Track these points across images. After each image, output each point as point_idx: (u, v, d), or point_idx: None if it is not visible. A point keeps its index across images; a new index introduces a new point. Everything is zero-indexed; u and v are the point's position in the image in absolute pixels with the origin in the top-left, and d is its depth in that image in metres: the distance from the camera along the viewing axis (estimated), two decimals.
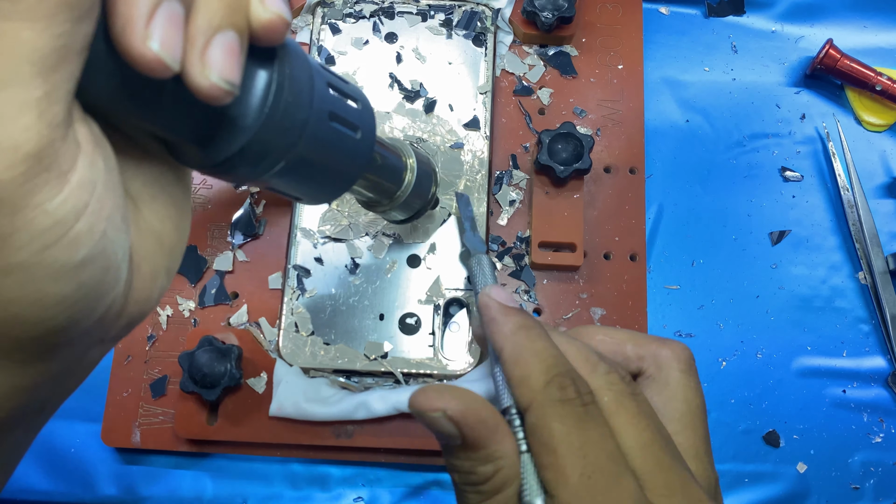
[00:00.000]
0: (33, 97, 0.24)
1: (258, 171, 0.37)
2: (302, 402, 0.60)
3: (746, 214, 0.72)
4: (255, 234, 0.66)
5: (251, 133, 0.34)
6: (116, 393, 0.63)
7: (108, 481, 0.64)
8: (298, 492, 0.65)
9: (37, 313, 0.27)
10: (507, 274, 0.66)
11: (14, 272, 0.26)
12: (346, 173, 0.44)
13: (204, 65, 0.28)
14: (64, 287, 0.27)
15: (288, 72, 0.35)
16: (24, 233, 0.25)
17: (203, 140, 0.34)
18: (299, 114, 0.36)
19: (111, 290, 0.30)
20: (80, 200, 0.26)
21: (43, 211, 0.25)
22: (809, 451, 0.66)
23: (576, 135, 0.64)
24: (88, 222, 0.27)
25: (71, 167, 0.26)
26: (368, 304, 0.63)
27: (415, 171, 0.56)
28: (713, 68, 0.76)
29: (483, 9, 0.70)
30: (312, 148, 0.38)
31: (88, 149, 0.27)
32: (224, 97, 0.29)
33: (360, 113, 0.43)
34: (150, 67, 0.26)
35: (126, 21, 0.25)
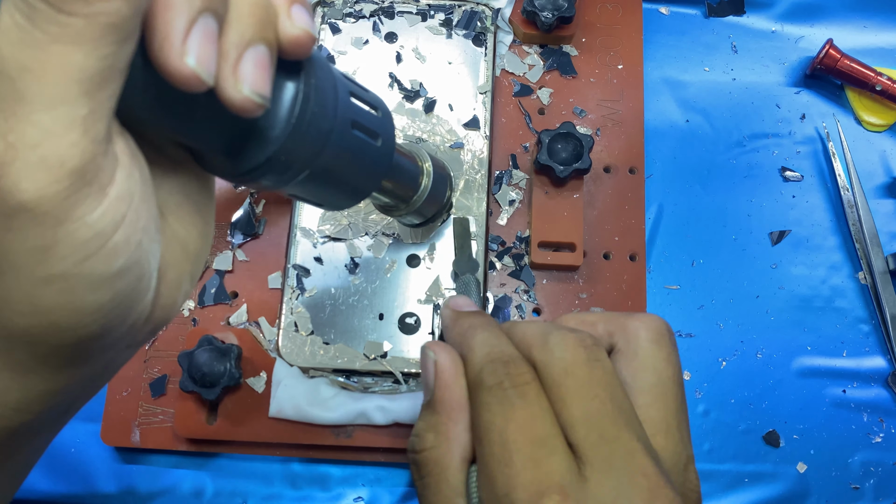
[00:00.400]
0: (80, 115, 0.24)
1: (284, 180, 0.37)
2: (302, 405, 0.60)
3: (746, 214, 0.72)
4: (255, 234, 0.66)
5: (278, 143, 0.35)
6: (116, 392, 0.63)
7: (108, 481, 0.64)
8: (298, 492, 0.65)
9: (74, 321, 0.28)
10: (507, 274, 0.66)
11: (55, 282, 0.27)
12: (367, 180, 0.44)
13: (237, 79, 0.29)
14: (101, 296, 0.28)
15: (313, 83, 0.35)
16: (65, 244, 0.26)
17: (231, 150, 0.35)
18: (324, 124, 0.37)
19: (143, 298, 0.31)
20: (119, 212, 0.27)
21: (84, 223, 0.26)
22: (809, 451, 0.66)
23: (575, 135, 0.64)
24: (125, 233, 0.28)
25: (110, 180, 0.27)
26: (368, 304, 0.63)
27: (431, 175, 0.57)
28: (713, 68, 0.76)
29: (483, 9, 0.70)
30: (336, 156, 0.39)
31: (126, 162, 0.28)
32: (256, 110, 0.30)
33: (380, 121, 0.43)
34: (186, 82, 0.27)
35: (164, 38, 0.26)
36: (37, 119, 0.24)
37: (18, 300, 0.27)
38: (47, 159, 0.24)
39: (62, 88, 0.24)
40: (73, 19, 0.23)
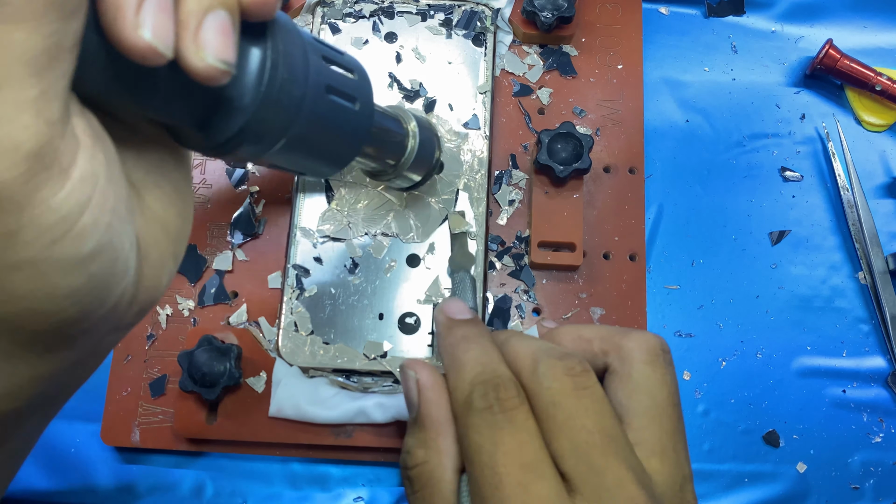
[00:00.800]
0: (30, 96, 0.24)
1: (260, 150, 0.37)
2: (302, 404, 0.60)
3: (746, 214, 0.72)
4: (255, 234, 0.66)
5: (249, 113, 0.34)
6: (116, 392, 0.63)
7: (108, 481, 0.64)
8: (298, 492, 0.65)
9: (49, 306, 0.28)
10: (507, 274, 0.66)
11: (23, 268, 0.26)
12: (348, 145, 0.44)
13: (198, 46, 0.28)
14: (74, 279, 0.28)
15: (281, 48, 0.35)
16: (30, 229, 0.25)
17: (203, 123, 0.35)
18: (296, 90, 0.36)
19: (121, 280, 0.31)
20: (84, 194, 0.27)
21: (47, 207, 0.25)
22: (809, 451, 0.66)
23: (575, 134, 0.64)
24: (93, 215, 0.27)
25: (72, 162, 0.26)
26: (368, 304, 0.63)
27: (417, 136, 0.56)
28: (713, 68, 0.76)
29: (483, 9, 0.70)
30: (312, 123, 0.38)
31: (88, 143, 0.27)
32: (221, 77, 0.29)
33: (357, 83, 0.43)
34: (143, 56, 0.26)
35: (115, 10, 0.26)
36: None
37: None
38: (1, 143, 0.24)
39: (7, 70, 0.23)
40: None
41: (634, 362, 0.44)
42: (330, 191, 0.65)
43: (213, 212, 0.66)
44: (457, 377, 0.44)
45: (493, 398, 0.41)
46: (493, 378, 0.42)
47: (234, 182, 0.67)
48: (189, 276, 0.65)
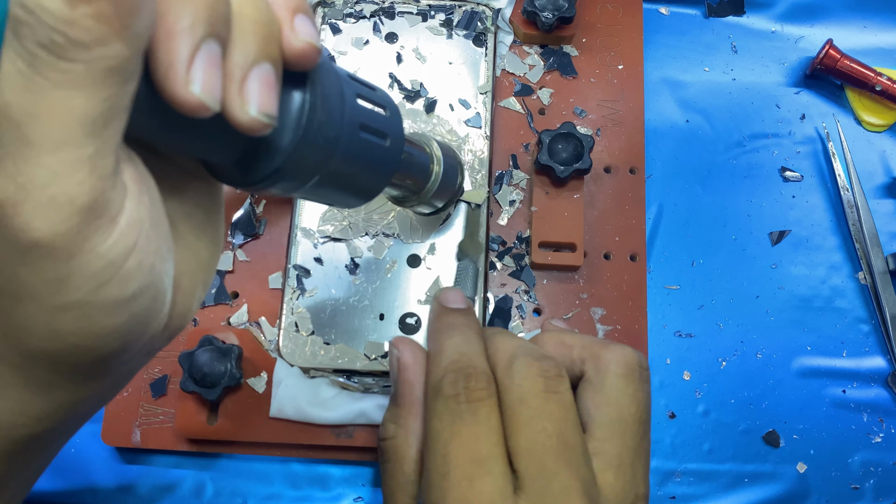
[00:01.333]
0: (86, 155, 0.25)
1: (294, 187, 0.38)
2: (302, 405, 0.60)
3: (746, 214, 0.72)
4: (256, 234, 0.66)
5: (286, 154, 0.35)
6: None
7: (108, 481, 0.64)
8: (298, 492, 0.65)
9: (93, 343, 0.29)
10: (508, 274, 0.66)
11: (71, 309, 0.27)
12: (378, 179, 0.44)
13: (243, 100, 0.29)
14: (117, 319, 0.29)
15: (319, 91, 0.35)
16: (79, 275, 0.27)
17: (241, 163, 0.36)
18: (332, 131, 0.37)
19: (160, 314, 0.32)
20: (130, 240, 0.28)
21: (96, 254, 0.27)
22: (809, 451, 0.67)
23: (576, 135, 0.64)
24: (137, 259, 0.29)
25: (119, 210, 0.27)
26: (368, 304, 0.63)
27: (441, 163, 0.56)
28: (713, 68, 0.76)
29: (483, 9, 0.70)
30: (345, 161, 0.39)
31: (134, 189, 0.29)
32: (263, 129, 0.30)
33: (388, 120, 0.43)
34: (192, 110, 0.27)
35: (168, 67, 0.27)
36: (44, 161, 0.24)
37: (37, 327, 0.28)
38: (57, 199, 0.25)
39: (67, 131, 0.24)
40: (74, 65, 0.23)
41: (609, 374, 0.45)
42: None
43: None
44: (434, 362, 0.46)
45: (462, 387, 0.43)
46: (467, 367, 0.44)
47: None
48: None
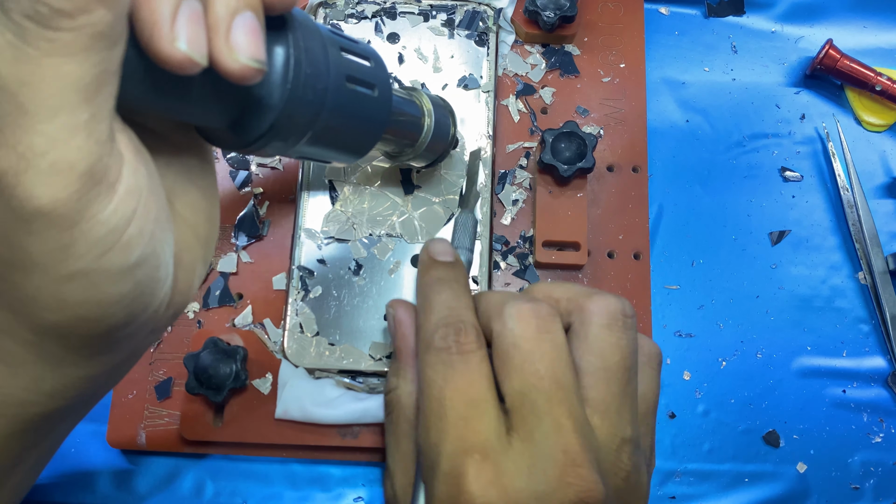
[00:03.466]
0: (82, 120, 0.26)
1: (288, 144, 0.39)
2: (308, 406, 0.60)
3: (746, 214, 0.72)
4: (259, 236, 0.65)
5: (278, 110, 0.36)
6: (121, 395, 0.63)
7: (108, 481, 0.64)
8: (298, 492, 0.65)
9: (99, 312, 0.30)
10: (511, 273, 0.66)
11: (76, 278, 0.28)
12: (371, 131, 0.45)
13: (231, 49, 0.30)
14: (122, 287, 0.30)
15: (302, 44, 0.36)
16: (82, 243, 0.28)
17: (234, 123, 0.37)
18: (319, 83, 0.38)
19: (163, 285, 0.34)
20: (129, 207, 0.29)
21: (97, 221, 0.28)
22: (809, 451, 0.67)
23: (579, 134, 0.64)
24: (138, 226, 0.30)
25: (118, 177, 0.28)
26: (373, 305, 0.62)
27: (432, 114, 0.57)
28: (713, 68, 0.76)
29: (485, 8, 0.70)
30: (335, 113, 0.40)
31: (131, 157, 0.29)
32: (256, 75, 0.31)
33: (374, 70, 0.44)
34: (180, 66, 0.28)
35: (152, 27, 0.28)
36: (41, 129, 0.25)
37: (45, 298, 0.29)
38: (56, 165, 0.26)
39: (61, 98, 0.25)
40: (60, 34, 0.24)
41: (592, 325, 0.46)
42: (334, 192, 0.64)
43: None
44: (424, 317, 0.48)
45: (453, 340, 0.44)
46: (457, 322, 0.45)
47: (238, 184, 0.66)
48: None
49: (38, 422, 0.36)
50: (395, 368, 0.53)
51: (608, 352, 0.45)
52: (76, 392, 0.35)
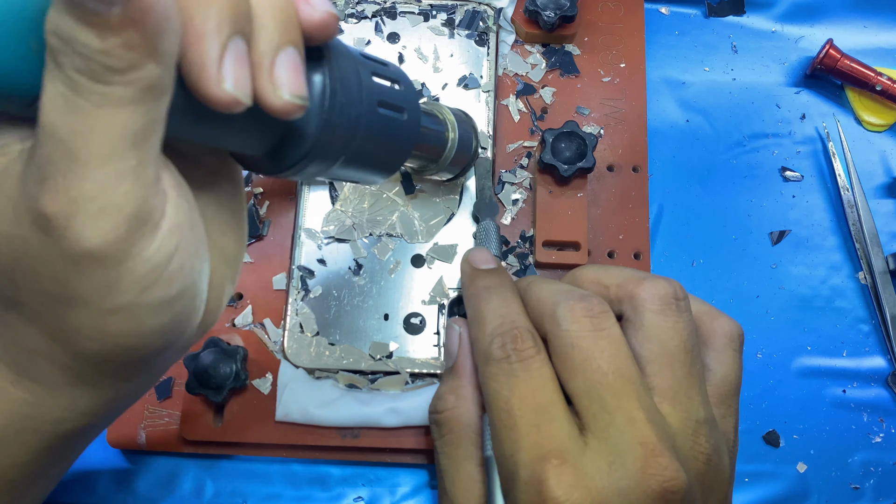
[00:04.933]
0: (130, 166, 0.27)
1: (322, 169, 0.39)
2: (309, 408, 0.60)
3: (746, 214, 0.72)
4: (259, 235, 0.65)
5: (314, 138, 0.37)
6: None
7: (108, 481, 0.64)
8: (298, 491, 0.65)
9: (139, 343, 0.31)
10: (512, 273, 0.66)
11: (120, 312, 0.29)
12: (399, 153, 0.46)
13: (275, 86, 0.31)
14: (162, 319, 0.31)
15: (338, 73, 0.37)
16: (127, 280, 0.29)
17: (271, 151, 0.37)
18: (352, 111, 0.38)
19: (198, 312, 0.35)
20: (172, 244, 0.30)
21: (142, 259, 0.29)
22: (809, 451, 0.67)
23: (579, 133, 0.64)
24: (179, 261, 0.31)
25: (161, 216, 0.29)
26: (373, 305, 0.62)
27: (456, 129, 0.57)
28: (713, 68, 0.76)
29: (485, 8, 0.70)
30: (367, 138, 0.40)
31: (174, 195, 0.31)
32: (298, 111, 0.32)
33: (403, 94, 0.44)
34: (227, 107, 0.29)
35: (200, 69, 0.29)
36: (92, 175, 0.26)
37: (88, 329, 0.30)
38: (105, 209, 0.27)
39: (111, 146, 0.26)
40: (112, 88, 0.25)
41: (646, 311, 0.45)
42: (334, 192, 0.64)
43: None
44: (478, 329, 0.47)
45: (511, 349, 0.44)
46: (511, 329, 0.45)
47: None
48: None
49: (69, 437, 0.37)
50: (452, 386, 0.51)
51: (666, 337, 0.44)
52: (107, 409, 0.36)
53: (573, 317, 0.44)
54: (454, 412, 0.49)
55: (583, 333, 0.43)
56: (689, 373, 0.44)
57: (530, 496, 0.40)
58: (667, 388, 0.43)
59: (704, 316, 0.50)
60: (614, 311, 0.46)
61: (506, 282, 0.51)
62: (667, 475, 0.39)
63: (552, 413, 0.41)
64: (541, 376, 0.43)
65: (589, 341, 0.43)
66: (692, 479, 0.41)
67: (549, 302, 0.46)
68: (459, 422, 0.49)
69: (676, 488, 0.39)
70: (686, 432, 0.42)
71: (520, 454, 0.41)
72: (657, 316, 0.45)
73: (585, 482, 0.39)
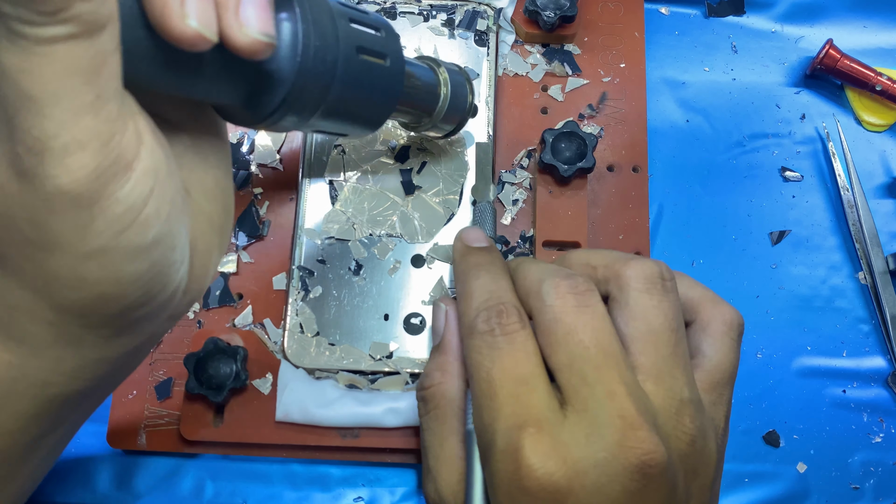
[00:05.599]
0: (86, 102, 0.27)
1: (303, 118, 0.39)
2: (309, 408, 0.60)
3: (746, 214, 0.72)
4: (259, 236, 0.65)
5: (289, 83, 0.37)
6: (122, 395, 0.63)
7: (108, 480, 0.64)
8: (298, 492, 0.65)
9: (117, 291, 0.31)
10: None
11: (95, 256, 0.30)
12: (385, 102, 0.46)
13: (241, 24, 0.31)
14: (139, 266, 0.31)
15: (310, 17, 0.37)
16: (101, 220, 0.29)
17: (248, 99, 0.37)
18: (329, 55, 0.38)
19: (179, 267, 0.35)
20: (146, 186, 0.30)
21: (115, 199, 0.29)
22: (809, 451, 0.67)
23: (579, 133, 0.64)
24: (155, 206, 0.31)
25: (135, 157, 0.30)
26: (373, 305, 0.62)
27: (448, 82, 0.57)
28: (713, 68, 0.76)
29: (485, 8, 0.70)
30: (348, 85, 0.40)
31: (149, 139, 0.31)
32: (266, 50, 0.32)
33: (385, 40, 0.44)
34: (192, 43, 0.29)
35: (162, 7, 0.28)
36: (49, 113, 0.26)
37: (66, 276, 0.30)
38: (68, 146, 0.27)
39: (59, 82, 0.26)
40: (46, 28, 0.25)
41: (631, 290, 0.45)
42: (334, 192, 0.64)
43: None
44: (465, 304, 0.48)
45: (496, 322, 0.44)
46: (497, 304, 0.45)
47: (238, 184, 0.66)
48: None
49: (56, 403, 0.37)
50: (438, 363, 0.51)
51: (651, 315, 0.44)
52: (94, 374, 0.36)
53: (557, 293, 0.44)
54: (440, 387, 0.50)
55: (566, 309, 0.43)
56: (673, 352, 0.44)
57: (506, 465, 0.40)
58: (650, 366, 0.43)
59: (706, 301, 0.50)
60: (601, 291, 0.47)
61: (496, 260, 0.51)
62: (645, 448, 0.39)
63: (532, 384, 0.42)
64: (524, 349, 0.43)
65: (572, 316, 0.43)
66: (674, 458, 0.41)
67: (536, 279, 0.46)
68: (444, 397, 0.49)
69: (655, 462, 0.39)
70: (669, 411, 0.42)
71: (497, 423, 0.41)
72: (642, 295, 0.45)
73: (562, 451, 0.39)
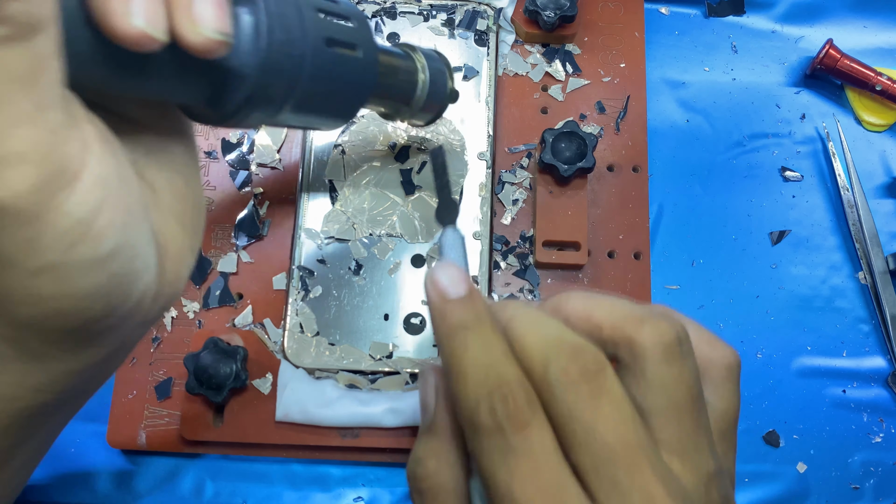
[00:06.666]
0: (24, 111, 0.25)
1: (271, 113, 0.38)
2: (309, 408, 0.60)
3: (746, 214, 0.72)
4: (259, 236, 0.65)
5: (252, 80, 0.35)
6: (121, 395, 0.63)
7: (108, 480, 0.64)
8: (298, 492, 0.65)
9: (74, 305, 0.29)
10: (512, 273, 0.66)
11: (46, 272, 0.27)
12: (357, 93, 0.44)
13: (193, 22, 0.29)
14: (95, 279, 0.29)
15: (273, 10, 0.35)
16: (48, 235, 0.27)
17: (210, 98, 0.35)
18: (295, 49, 0.37)
19: (142, 276, 0.32)
20: (96, 197, 0.28)
21: (62, 213, 0.27)
22: (809, 451, 0.67)
23: (579, 133, 0.64)
24: (108, 217, 0.29)
25: (82, 166, 0.27)
26: (373, 305, 0.62)
27: (426, 69, 0.55)
28: (713, 68, 0.76)
29: (485, 8, 0.70)
30: (317, 79, 0.39)
31: (97, 147, 0.28)
32: (220, 49, 0.30)
33: (356, 31, 0.42)
34: (138, 44, 0.27)
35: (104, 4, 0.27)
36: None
37: (17, 292, 0.28)
38: (7, 158, 0.25)
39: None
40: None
41: (648, 361, 0.39)
42: (334, 192, 0.64)
43: (218, 214, 0.66)
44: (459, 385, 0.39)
45: (503, 415, 0.37)
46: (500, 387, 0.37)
47: (238, 184, 0.66)
48: (194, 279, 0.65)
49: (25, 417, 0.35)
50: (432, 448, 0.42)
51: (672, 388, 0.39)
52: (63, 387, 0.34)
53: (568, 380, 0.37)
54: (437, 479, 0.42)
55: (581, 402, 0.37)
56: (696, 423, 0.39)
57: None
58: (675, 442, 0.38)
59: (702, 344, 0.44)
60: (608, 353, 0.41)
61: (482, 315, 0.42)
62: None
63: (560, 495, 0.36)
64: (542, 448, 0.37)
65: (589, 411, 0.37)
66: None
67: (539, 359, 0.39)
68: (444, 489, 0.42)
69: None
70: (699, 490, 0.38)
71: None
72: (661, 366, 0.39)
73: None
